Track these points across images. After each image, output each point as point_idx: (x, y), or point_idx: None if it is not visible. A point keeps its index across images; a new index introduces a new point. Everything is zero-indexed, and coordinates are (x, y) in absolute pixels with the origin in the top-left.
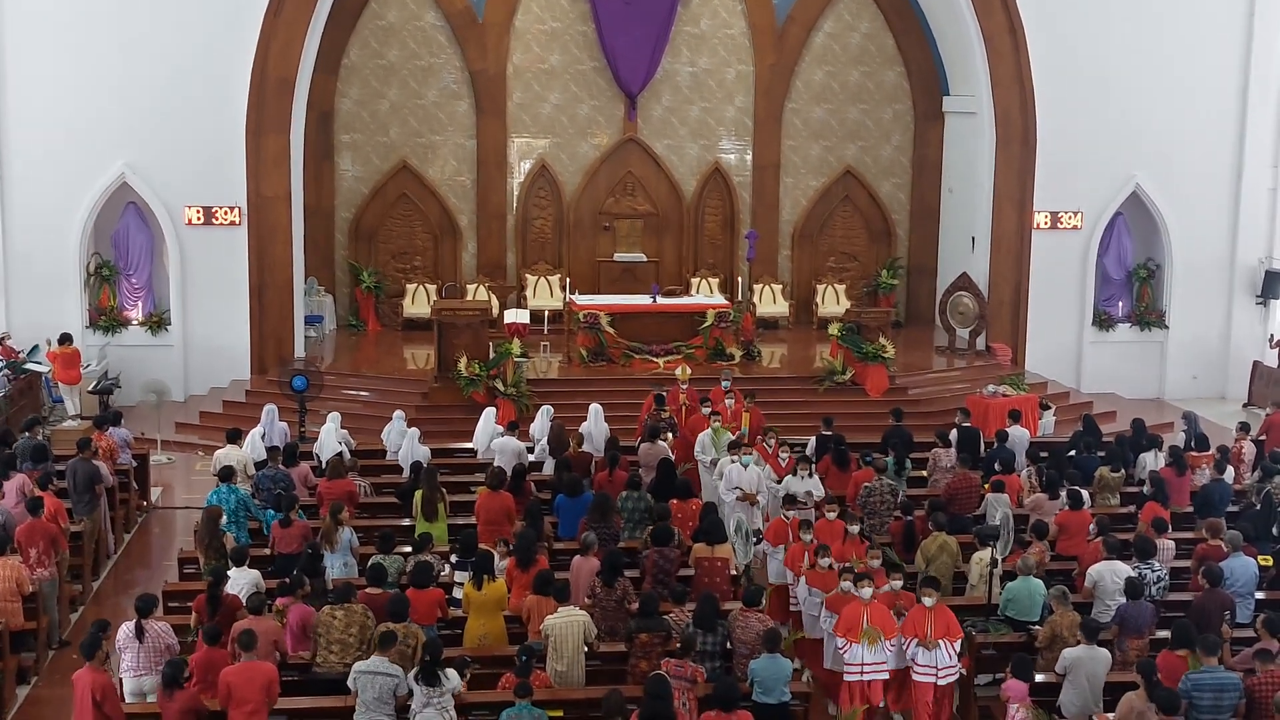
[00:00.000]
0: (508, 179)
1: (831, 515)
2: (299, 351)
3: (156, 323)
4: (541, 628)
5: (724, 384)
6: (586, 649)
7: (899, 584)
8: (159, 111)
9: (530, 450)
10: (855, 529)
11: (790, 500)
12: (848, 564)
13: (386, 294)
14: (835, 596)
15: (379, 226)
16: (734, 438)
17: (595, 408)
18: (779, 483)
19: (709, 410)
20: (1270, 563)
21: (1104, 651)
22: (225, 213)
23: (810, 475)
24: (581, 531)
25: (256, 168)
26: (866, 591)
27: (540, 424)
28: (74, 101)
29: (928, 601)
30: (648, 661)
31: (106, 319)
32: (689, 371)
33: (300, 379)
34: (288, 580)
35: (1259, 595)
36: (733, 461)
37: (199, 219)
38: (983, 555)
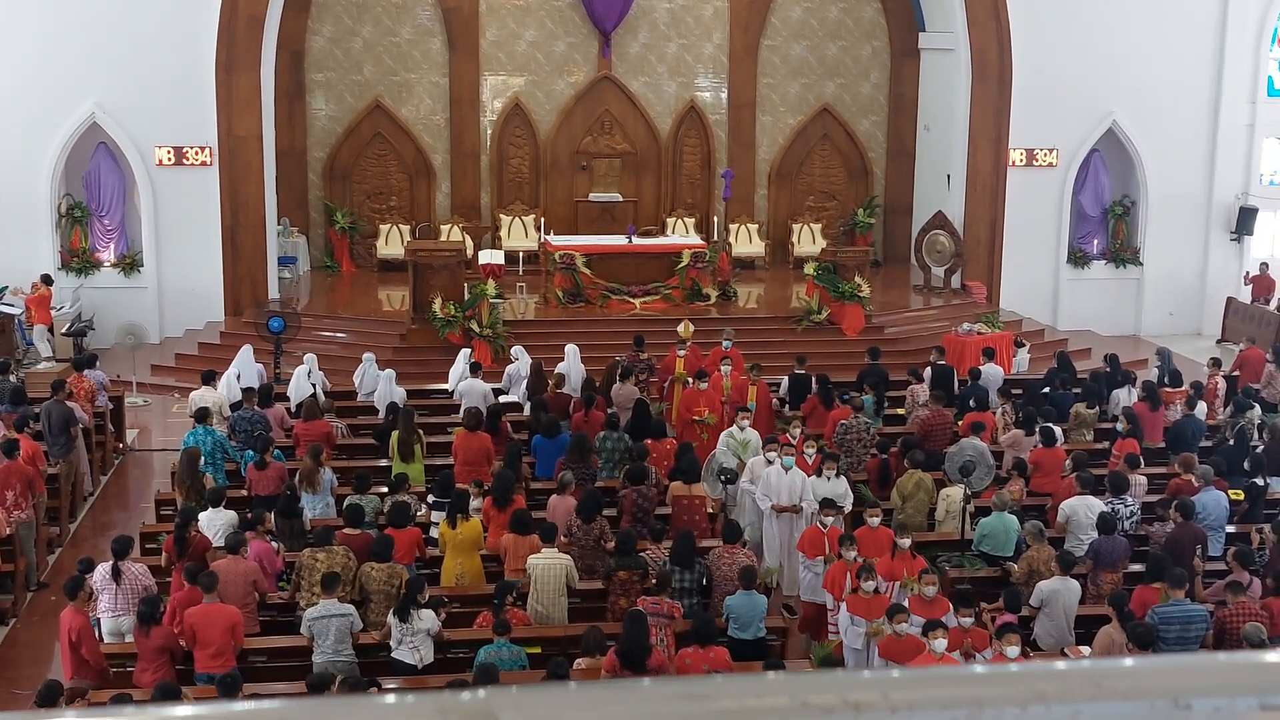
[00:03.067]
0: (481, 118)
1: (875, 521)
2: (273, 293)
3: (129, 264)
4: (526, 566)
5: (725, 344)
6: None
7: (969, 620)
8: (128, 50)
9: (505, 391)
10: (906, 542)
11: (830, 505)
12: (900, 594)
13: (361, 234)
14: (890, 641)
15: (353, 166)
16: (765, 435)
17: (572, 348)
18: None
19: (707, 384)
20: (1242, 496)
21: (1075, 583)
22: (196, 153)
23: (837, 475)
24: (559, 471)
25: (227, 107)
26: (940, 644)
27: (516, 364)
28: (42, 41)
29: (1011, 651)
30: (626, 598)
31: (79, 261)
32: (692, 329)
33: (277, 320)
34: (249, 515)
35: (1230, 529)
36: (769, 463)
37: (170, 159)
38: (951, 492)
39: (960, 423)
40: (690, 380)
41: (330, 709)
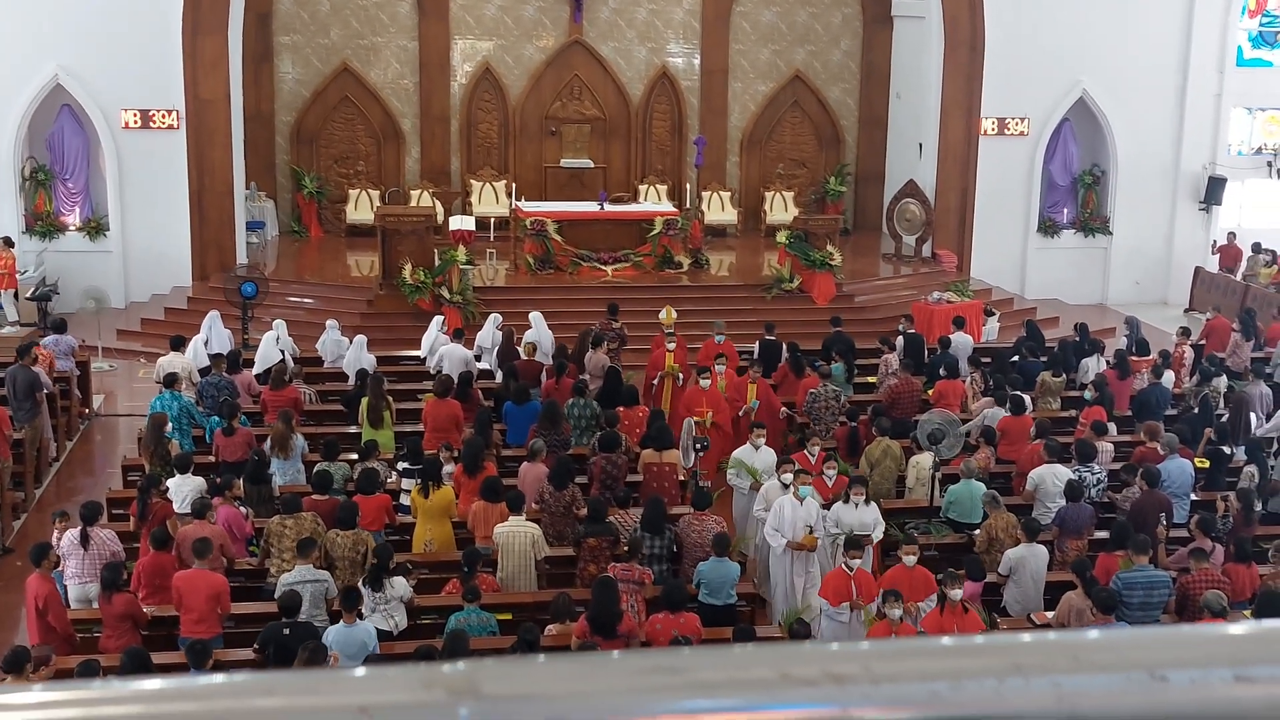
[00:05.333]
0: (451, 82)
1: (911, 560)
2: (240, 258)
3: (95, 228)
4: (493, 535)
5: (718, 338)
6: (544, 563)
7: None
8: (92, 12)
9: (478, 358)
10: (957, 594)
11: (854, 544)
12: None
13: (329, 199)
14: None
15: (320, 130)
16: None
17: (536, 315)
18: (826, 508)
19: (709, 383)
20: (1206, 464)
21: (1042, 549)
22: (163, 116)
23: (866, 502)
24: (532, 438)
25: (194, 70)
26: None
27: (487, 332)
28: (4, 1)
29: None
30: (595, 565)
31: (43, 224)
32: (674, 315)
33: (250, 285)
34: (218, 481)
35: (1194, 496)
36: (785, 487)
37: (136, 122)
38: (920, 459)
39: (930, 391)
40: (681, 376)
41: (314, 681)
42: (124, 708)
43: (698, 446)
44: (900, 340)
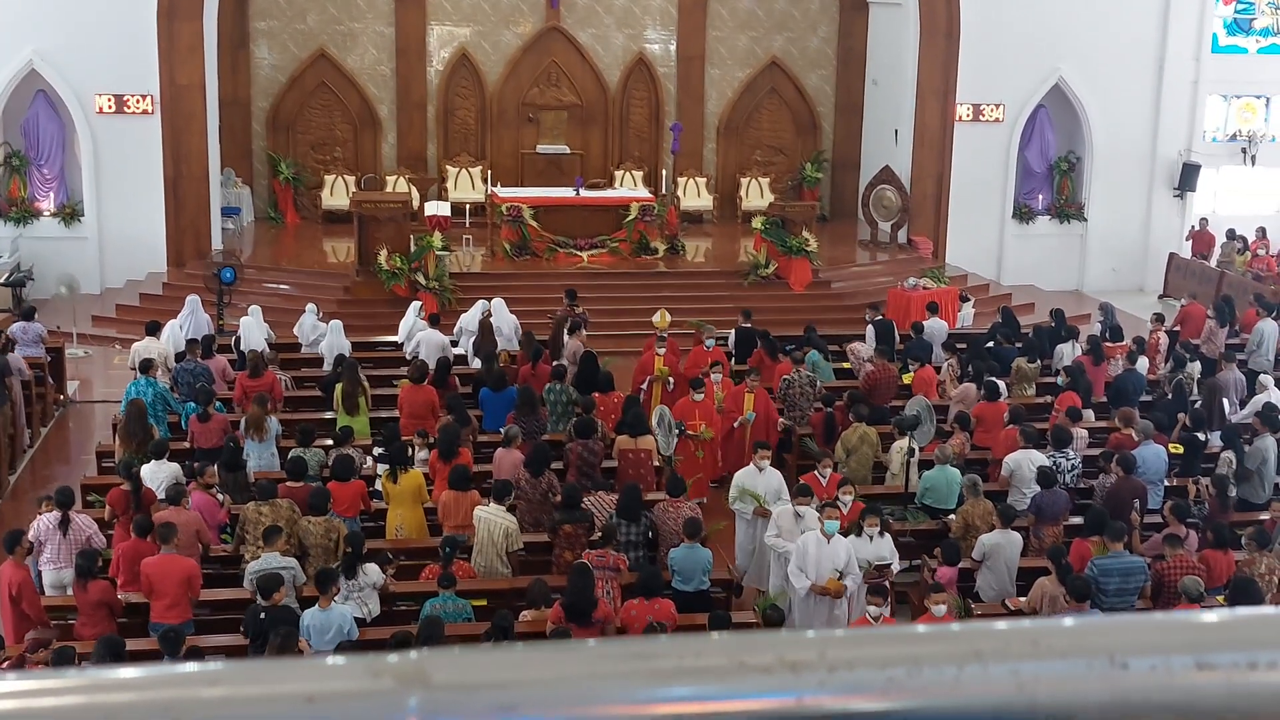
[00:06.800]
0: (428, 68)
1: (940, 609)
2: (216, 244)
3: (70, 214)
4: (473, 518)
5: (707, 343)
6: (519, 552)
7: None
8: None
9: (454, 343)
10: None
11: (877, 591)
12: None
13: (305, 186)
14: None
15: (297, 116)
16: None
17: (499, 302)
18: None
19: (703, 395)
20: (1180, 450)
21: (1017, 535)
22: (137, 101)
23: (881, 534)
24: (509, 424)
25: (169, 55)
26: None
27: (472, 315)
28: None
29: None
30: (571, 552)
31: (18, 210)
32: (668, 318)
33: (229, 271)
34: (195, 467)
35: (1168, 483)
36: (799, 516)
37: (110, 107)
38: (902, 444)
39: (911, 376)
40: (671, 380)
41: (260, 670)
42: (64, 699)
43: (675, 432)
44: (870, 329)
